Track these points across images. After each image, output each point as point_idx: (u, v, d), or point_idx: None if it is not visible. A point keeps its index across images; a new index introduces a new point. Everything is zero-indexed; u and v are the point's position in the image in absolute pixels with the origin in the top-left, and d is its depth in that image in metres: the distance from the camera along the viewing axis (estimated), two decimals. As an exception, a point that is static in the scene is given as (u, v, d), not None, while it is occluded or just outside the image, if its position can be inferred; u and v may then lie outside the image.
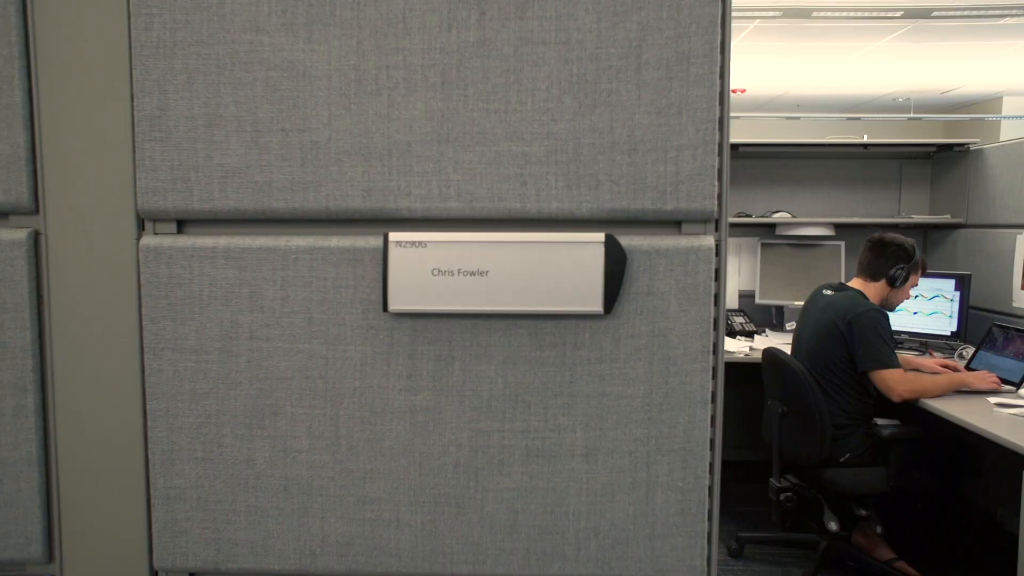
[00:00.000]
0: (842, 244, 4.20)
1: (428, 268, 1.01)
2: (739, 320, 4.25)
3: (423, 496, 1.07)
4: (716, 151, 1.01)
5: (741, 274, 4.45)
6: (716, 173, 1.02)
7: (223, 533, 1.08)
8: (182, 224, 1.08)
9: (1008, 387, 2.97)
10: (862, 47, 6.48)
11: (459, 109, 1.02)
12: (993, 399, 2.81)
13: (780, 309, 4.36)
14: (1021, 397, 2.85)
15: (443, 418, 1.06)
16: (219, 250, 1.05)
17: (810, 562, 3.26)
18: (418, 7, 1.01)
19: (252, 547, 1.08)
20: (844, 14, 5.06)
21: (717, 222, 1.05)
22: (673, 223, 1.04)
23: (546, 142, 1.02)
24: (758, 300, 4.33)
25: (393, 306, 1.02)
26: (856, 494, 3.11)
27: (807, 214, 4.37)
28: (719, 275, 1.04)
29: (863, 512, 3.14)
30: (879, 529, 3.17)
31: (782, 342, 3.57)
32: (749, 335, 4.15)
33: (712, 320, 1.03)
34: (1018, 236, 3.54)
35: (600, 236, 1.00)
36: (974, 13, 5.09)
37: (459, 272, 1.01)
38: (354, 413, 1.06)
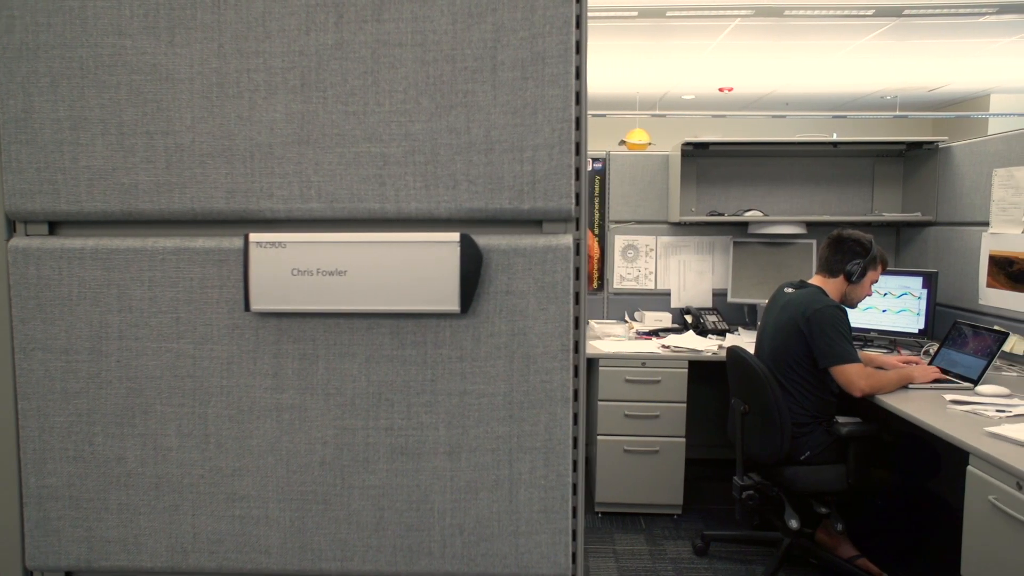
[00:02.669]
0: (814, 242, 4.19)
1: (288, 268, 1.02)
2: (711, 319, 4.25)
3: (291, 493, 1.08)
4: (573, 150, 1.02)
5: (714, 272, 4.45)
6: (574, 172, 1.03)
7: (95, 531, 1.10)
8: (55, 226, 1.09)
9: (965, 384, 2.97)
10: (845, 45, 6.47)
11: (318, 111, 1.03)
12: (949, 396, 2.81)
13: (752, 307, 4.36)
14: (978, 394, 2.84)
15: (308, 416, 1.07)
16: (87, 251, 1.06)
17: (772, 560, 3.26)
18: (276, 10, 1.02)
19: (124, 545, 1.10)
20: (817, 12, 5.05)
21: (577, 221, 1.06)
22: (534, 222, 1.05)
23: (404, 143, 1.03)
24: (730, 298, 4.33)
25: (255, 306, 1.04)
26: (816, 492, 3.11)
27: (779, 212, 4.37)
28: (579, 274, 1.05)
29: (823, 510, 3.14)
30: (839, 527, 3.17)
31: (753, 340, 3.57)
32: (721, 333, 4.15)
33: (572, 318, 1.04)
34: (983, 233, 3.53)
35: (455, 236, 1.01)
36: (948, 12, 5.07)
37: (318, 272, 1.02)
38: (222, 411, 1.08)
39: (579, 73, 1.02)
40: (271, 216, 1.05)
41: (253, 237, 1.02)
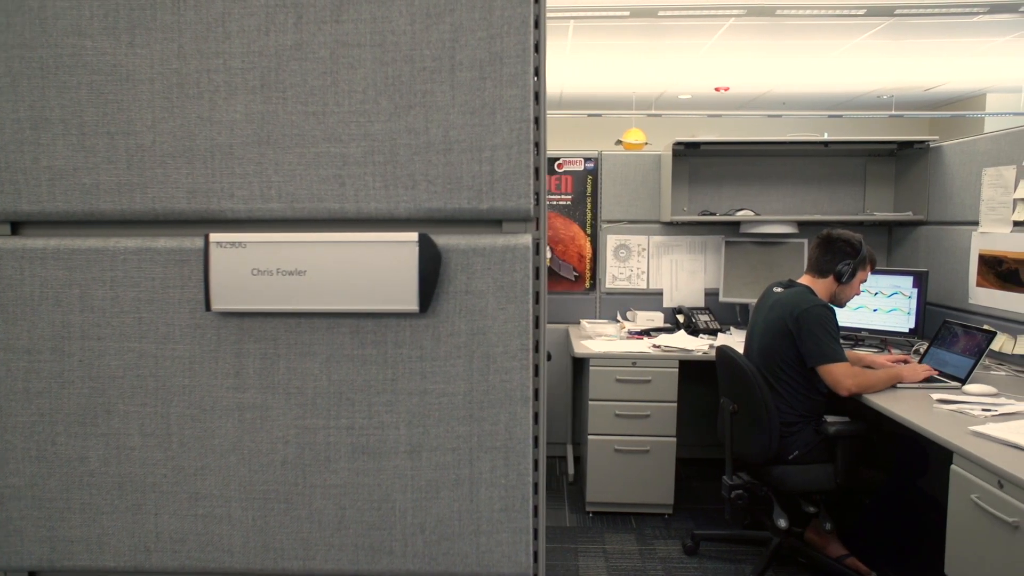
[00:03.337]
0: (805, 242, 4.19)
1: (248, 268, 1.03)
2: (703, 318, 4.25)
3: (253, 492, 1.08)
4: (532, 150, 1.02)
5: (706, 272, 4.46)
6: (533, 172, 1.03)
7: (58, 531, 1.10)
8: (17, 226, 1.09)
9: (953, 383, 2.96)
10: (840, 44, 6.46)
11: (278, 111, 1.03)
12: (936, 395, 2.81)
13: (744, 307, 4.36)
14: (965, 393, 2.84)
15: (270, 415, 1.07)
16: (49, 251, 1.06)
17: (761, 559, 3.26)
18: (236, 11, 1.02)
19: (87, 544, 1.10)
20: (809, 11, 5.04)
21: (537, 221, 1.06)
22: (493, 222, 1.05)
23: (363, 143, 1.03)
24: (722, 298, 4.33)
25: (215, 305, 1.04)
26: (805, 491, 3.11)
27: (771, 212, 4.37)
28: (539, 273, 1.05)
29: (812, 509, 3.14)
30: (828, 526, 3.17)
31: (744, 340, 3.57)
32: (713, 333, 4.15)
33: (532, 318, 1.04)
34: (972, 233, 3.53)
35: (413, 235, 1.01)
36: (939, 12, 5.06)
37: (278, 272, 1.02)
38: (184, 411, 1.08)
39: (538, 72, 1.03)
40: (232, 216, 1.05)
41: (213, 237, 1.03)
